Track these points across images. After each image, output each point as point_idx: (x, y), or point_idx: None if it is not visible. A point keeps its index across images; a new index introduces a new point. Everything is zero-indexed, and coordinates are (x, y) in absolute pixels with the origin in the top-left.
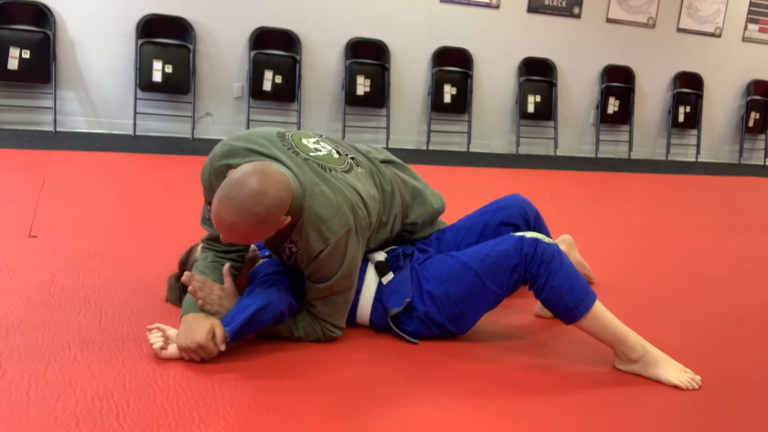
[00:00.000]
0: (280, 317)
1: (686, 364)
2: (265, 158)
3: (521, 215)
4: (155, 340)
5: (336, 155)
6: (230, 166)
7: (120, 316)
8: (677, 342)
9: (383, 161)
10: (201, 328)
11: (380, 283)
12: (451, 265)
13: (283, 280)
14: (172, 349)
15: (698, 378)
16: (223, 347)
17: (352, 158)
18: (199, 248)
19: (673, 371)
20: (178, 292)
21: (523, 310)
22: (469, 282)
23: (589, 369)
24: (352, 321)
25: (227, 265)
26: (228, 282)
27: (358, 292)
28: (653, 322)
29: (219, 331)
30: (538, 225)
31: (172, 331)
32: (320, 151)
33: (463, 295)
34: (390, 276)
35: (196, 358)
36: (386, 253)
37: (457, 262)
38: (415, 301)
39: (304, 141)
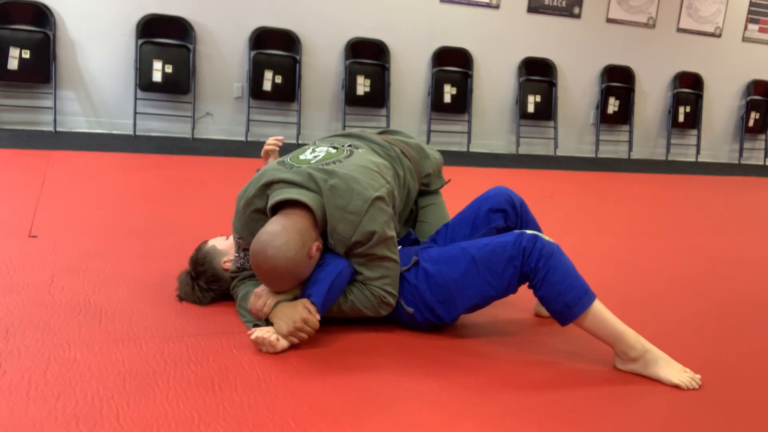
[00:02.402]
0: (353, 278)
1: (686, 363)
2: (277, 184)
3: (507, 201)
4: (267, 334)
5: (333, 150)
6: (258, 210)
7: (120, 316)
8: (677, 341)
9: (379, 133)
10: (294, 307)
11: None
12: (450, 250)
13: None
14: (284, 341)
15: (698, 377)
16: (318, 316)
17: (350, 145)
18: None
19: (673, 371)
20: (192, 284)
21: (522, 308)
22: (464, 265)
23: (588, 368)
24: None
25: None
26: None
27: None
28: (653, 322)
29: (309, 304)
30: (525, 212)
31: (271, 329)
32: (318, 155)
33: (456, 277)
34: (398, 247)
35: (303, 336)
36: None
37: (457, 247)
38: (410, 274)
39: (301, 157)
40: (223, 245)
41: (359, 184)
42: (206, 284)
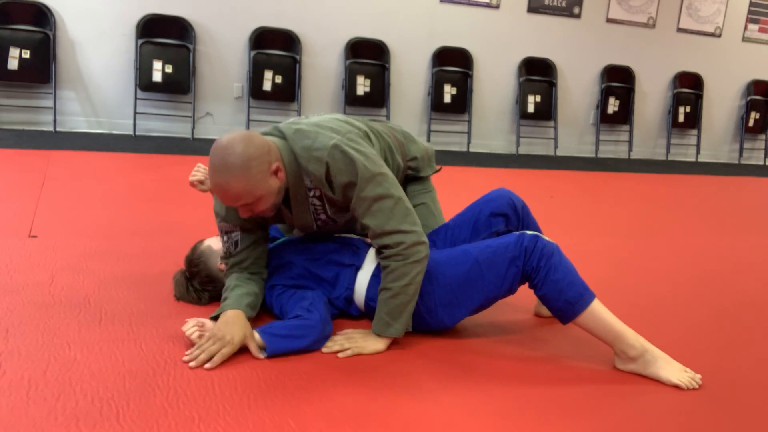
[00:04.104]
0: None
1: (686, 363)
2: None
3: (509, 205)
4: (191, 331)
5: (307, 118)
6: None
7: (120, 316)
8: (677, 341)
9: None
10: (239, 330)
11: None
12: (451, 252)
13: (318, 297)
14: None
15: (698, 377)
16: (261, 355)
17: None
18: (208, 252)
19: (673, 370)
20: (186, 284)
21: (522, 308)
22: (467, 267)
23: (589, 368)
24: (350, 308)
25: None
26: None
27: (358, 269)
28: (653, 322)
29: (252, 345)
30: (526, 215)
31: (209, 324)
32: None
33: (459, 280)
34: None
35: (214, 350)
36: None
37: (458, 249)
38: None
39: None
40: (219, 245)
41: (323, 128)
42: (200, 285)
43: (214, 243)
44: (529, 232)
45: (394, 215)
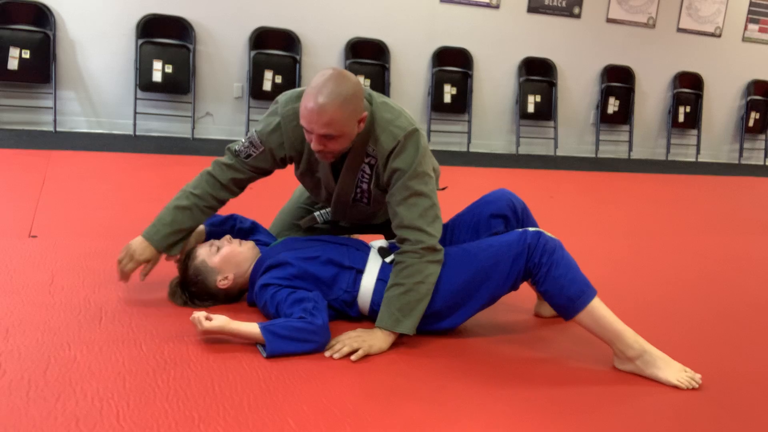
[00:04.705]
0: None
1: (686, 363)
2: None
3: (509, 207)
4: (198, 314)
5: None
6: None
7: (120, 316)
8: (677, 341)
9: None
10: (144, 252)
11: (383, 263)
12: (453, 254)
13: (320, 299)
14: (217, 322)
15: (698, 377)
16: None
17: None
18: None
19: (672, 371)
20: (185, 300)
21: (522, 308)
22: (471, 270)
23: (588, 368)
24: (349, 310)
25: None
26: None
27: (361, 272)
28: (653, 321)
29: (149, 266)
30: (526, 216)
31: (216, 316)
32: None
33: (464, 283)
34: (393, 257)
35: (123, 264)
36: (388, 242)
37: (460, 251)
38: None
39: None
40: (214, 260)
41: (405, 113)
42: (201, 301)
43: (209, 257)
44: (531, 228)
45: (425, 215)
